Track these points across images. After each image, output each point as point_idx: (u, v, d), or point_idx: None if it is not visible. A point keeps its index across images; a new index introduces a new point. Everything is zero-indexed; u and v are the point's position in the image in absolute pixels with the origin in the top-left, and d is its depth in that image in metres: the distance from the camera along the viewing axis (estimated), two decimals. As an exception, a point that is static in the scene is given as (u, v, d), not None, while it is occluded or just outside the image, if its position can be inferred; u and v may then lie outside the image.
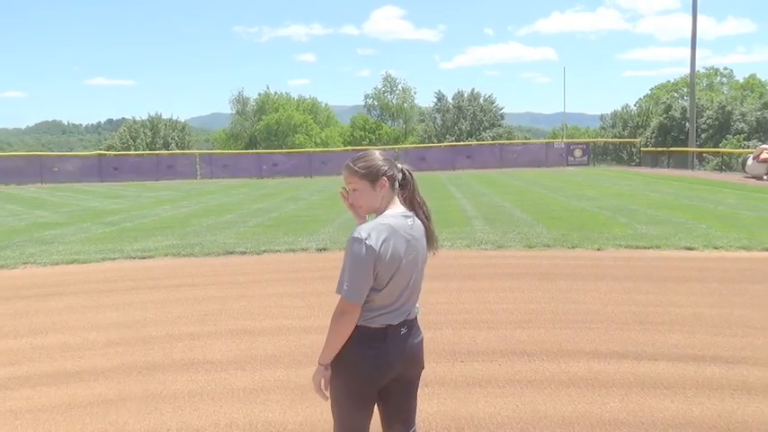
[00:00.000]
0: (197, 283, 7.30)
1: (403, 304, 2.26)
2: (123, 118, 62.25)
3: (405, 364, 2.30)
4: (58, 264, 8.73)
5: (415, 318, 2.37)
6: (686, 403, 3.73)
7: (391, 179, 2.29)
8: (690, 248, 8.75)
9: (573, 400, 3.79)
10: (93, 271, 8.26)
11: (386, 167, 2.30)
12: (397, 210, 2.29)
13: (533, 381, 4.11)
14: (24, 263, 8.85)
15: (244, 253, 9.32)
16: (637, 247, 8.90)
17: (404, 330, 2.28)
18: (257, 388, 4.09)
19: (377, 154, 2.34)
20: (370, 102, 64.99)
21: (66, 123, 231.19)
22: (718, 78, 65.98)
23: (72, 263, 8.79)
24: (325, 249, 9.41)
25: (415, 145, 47.10)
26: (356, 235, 2.19)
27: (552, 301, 6.08)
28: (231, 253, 9.34)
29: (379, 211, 2.30)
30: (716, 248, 8.74)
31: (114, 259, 8.99)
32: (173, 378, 4.30)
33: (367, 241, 2.16)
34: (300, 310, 5.99)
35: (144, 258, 9.04)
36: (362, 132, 59.90)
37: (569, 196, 17.08)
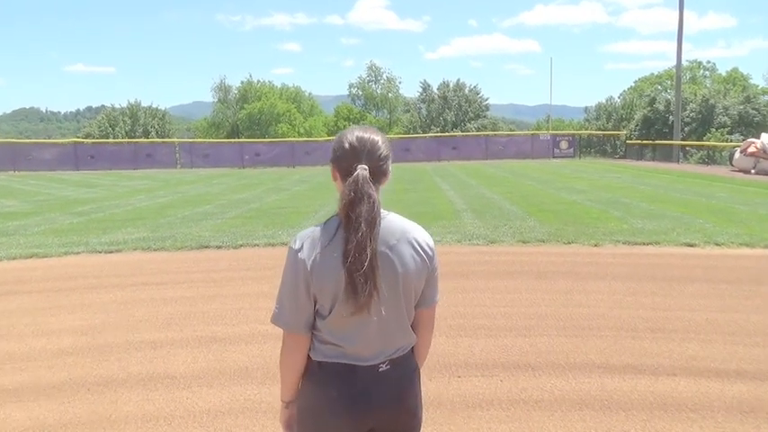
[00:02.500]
0: (165, 282, 6.69)
1: (373, 338, 1.69)
2: (103, 105, 60.76)
3: (387, 412, 1.73)
4: (15, 258, 8.06)
5: (408, 353, 1.79)
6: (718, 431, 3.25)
7: (341, 172, 1.69)
8: (690, 245, 8.33)
9: (588, 427, 3.29)
10: (54, 266, 7.61)
11: (337, 153, 1.71)
12: None
13: (541, 401, 3.61)
14: (-21, 257, 8.16)
15: (219, 247, 8.71)
16: (635, 243, 8.45)
17: (384, 368, 1.71)
18: (224, 410, 3.54)
19: (353, 134, 1.72)
20: (354, 91, 64.15)
21: (44, 111, 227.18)
22: (702, 71, 66.15)
23: (31, 257, 8.13)
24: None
25: (399, 135, 46.46)
26: (290, 243, 1.71)
27: (553, 304, 5.58)
28: (206, 247, 8.73)
29: None
30: (717, 245, 8.32)
31: (78, 253, 8.33)
32: (126, 397, 3.72)
33: (297, 251, 1.66)
34: (278, 313, 5.42)
35: (110, 252, 8.39)
36: (347, 122, 58.99)
37: (559, 188, 16.65)
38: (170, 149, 37.44)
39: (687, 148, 34.10)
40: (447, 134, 44.00)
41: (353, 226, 1.59)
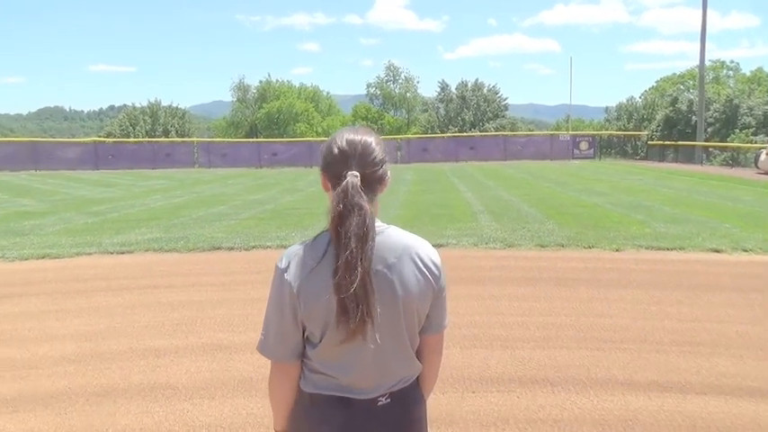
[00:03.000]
0: (174, 285, 6.56)
1: (370, 368, 1.49)
2: (125, 104, 61.31)
3: None
4: (27, 259, 8.00)
5: (412, 384, 1.59)
6: (754, 457, 3.01)
7: (330, 180, 1.50)
8: (717, 251, 8.01)
9: (612, 450, 3.07)
10: (65, 267, 7.53)
11: (326, 158, 1.52)
12: None
13: (560, 420, 3.39)
14: (-8, 257, 8.12)
15: (231, 249, 8.59)
16: (658, 249, 8.16)
17: (383, 401, 1.52)
18: (224, 425, 3.37)
19: (343, 136, 1.52)
20: (372, 91, 63.98)
21: (67, 109, 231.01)
22: (725, 71, 64.89)
23: (43, 257, 8.06)
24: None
25: (417, 135, 46.23)
26: (277, 261, 1.52)
27: (573, 313, 5.35)
28: (218, 248, 8.61)
29: None
30: (745, 251, 8.00)
31: (90, 254, 8.25)
32: (125, 408, 3.58)
33: (284, 271, 1.48)
34: (287, 320, 5.26)
35: (122, 253, 8.30)
36: (364, 122, 58.91)
37: (579, 191, 16.31)
38: (188, 149, 37.59)
39: (710, 150, 33.38)
40: (465, 134, 43.63)
41: (342, 242, 1.40)
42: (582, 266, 7.22)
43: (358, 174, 1.45)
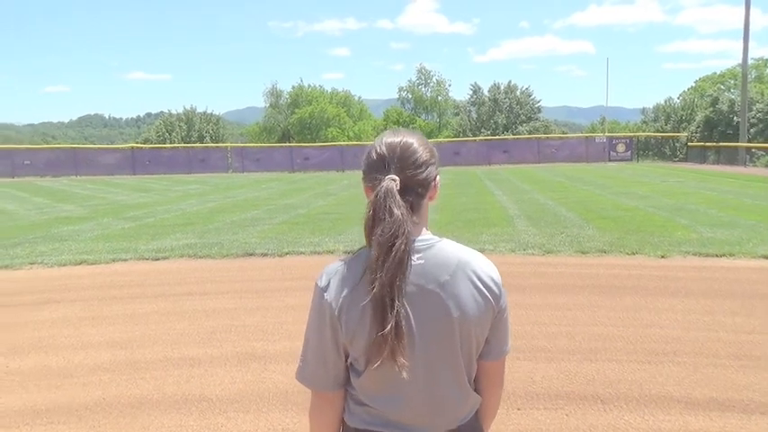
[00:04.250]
0: (209, 291, 6.51)
1: (421, 402, 1.33)
2: (162, 111, 62.50)
3: None
4: (65, 265, 8.08)
5: (472, 420, 1.41)
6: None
7: (372, 187, 1.34)
8: (770, 257, 7.62)
9: (673, 476, 2.84)
10: (101, 273, 7.57)
11: (366, 165, 1.39)
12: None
13: (614, 441, 3.17)
14: (31, 263, 8.22)
15: (265, 255, 8.53)
16: (707, 255, 7.80)
17: None
18: (260, 441, 3.25)
19: (383, 139, 1.39)
20: (404, 95, 63.97)
21: (107, 117, 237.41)
22: (768, 70, 62.85)
23: (80, 263, 8.13)
24: (353, 252, 8.53)
25: (449, 139, 45.93)
26: (317, 280, 1.37)
27: (620, 324, 5.09)
28: (251, 254, 8.56)
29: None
30: (801, 258, 7.59)
31: (126, 260, 8.29)
32: (158, 421, 3.49)
33: (323, 290, 1.33)
34: (322, 329, 5.13)
35: (157, 260, 8.32)
36: (396, 125, 58.83)
37: (618, 194, 15.87)
38: (222, 154, 38.05)
39: (753, 151, 32.29)
40: (498, 137, 43.15)
41: (371, 253, 1.26)
42: (626, 273, 6.93)
43: (396, 177, 1.30)
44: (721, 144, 34.20)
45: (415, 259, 1.29)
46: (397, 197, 1.27)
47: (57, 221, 12.67)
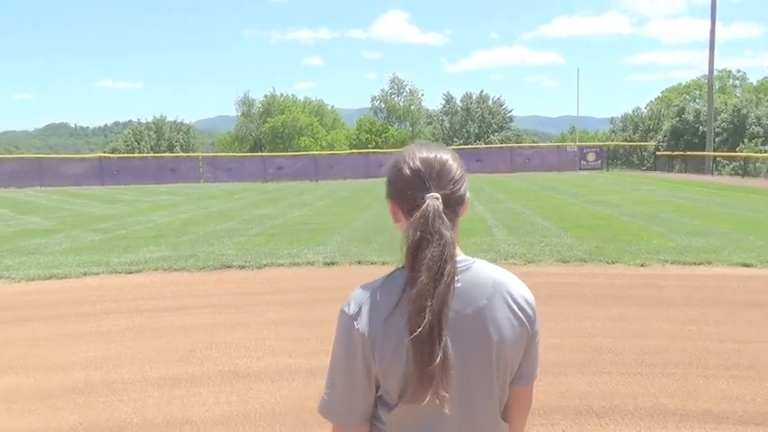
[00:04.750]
0: (186, 306, 6.31)
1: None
2: (130, 120, 61.40)
3: None
4: (33, 279, 7.77)
5: None
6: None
7: (405, 210, 1.24)
8: (746, 265, 7.72)
9: (676, 493, 2.79)
10: (72, 288, 7.30)
11: (395, 183, 1.27)
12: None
13: (613, 457, 3.11)
14: (-3, 278, 7.90)
15: (243, 267, 8.34)
16: (685, 263, 7.88)
17: None
18: (249, 466, 3.11)
19: (413, 154, 1.28)
20: (376, 104, 63.97)
21: (73, 126, 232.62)
22: (731, 81, 64.70)
23: (50, 278, 7.82)
24: (333, 263, 8.41)
25: (422, 148, 45.99)
26: (343, 306, 1.26)
27: (608, 335, 5.07)
28: (229, 267, 8.36)
29: None
30: (776, 265, 7.71)
31: (97, 274, 8.02)
32: (140, 447, 3.32)
33: (353, 318, 1.22)
34: (306, 344, 5.00)
35: (130, 273, 8.06)
36: (369, 135, 58.87)
37: (592, 202, 16.04)
38: (193, 164, 37.46)
39: (719, 159, 33.09)
40: (470, 146, 43.44)
41: (414, 277, 1.16)
42: (608, 283, 6.94)
43: (439, 196, 1.21)
44: (688, 153, 34.96)
45: (455, 283, 1.20)
46: (444, 217, 1.19)
47: (23, 234, 12.24)
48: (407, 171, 1.25)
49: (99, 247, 10.25)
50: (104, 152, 47.47)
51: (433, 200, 1.20)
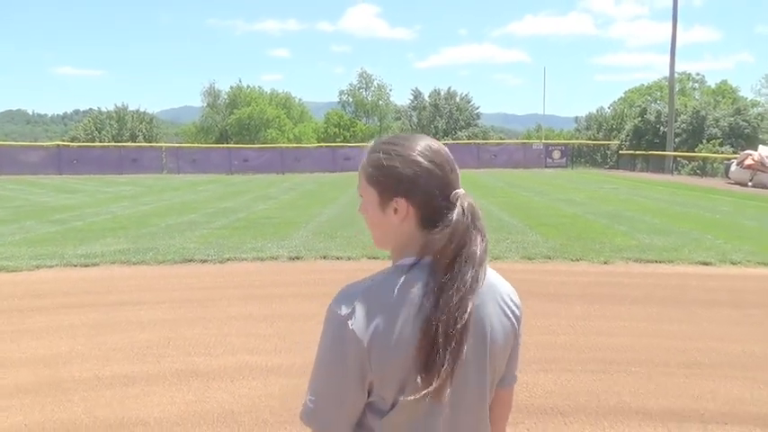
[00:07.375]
0: (144, 301, 6.10)
1: None
2: (91, 109, 59.65)
3: None
4: (-18, 272, 7.43)
5: None
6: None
7: (420, 206, 1.15)
8: (705, 263, 7.88)
9: (640, 494, 2.77)
10: (23, 281, 7.00)
11: (413, 178, 1.14)
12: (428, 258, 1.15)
13: (577, 457, 3.09)
14: (-57, 270, 7.52)
15: (205, 261, 8.13)
16: (647, 261, 7.99)
17: None
18: (204, 469, 2.98)
19: (421, 145, 1.19)
20: (344, 98, 63.67)
21: (30, 113, 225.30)
22: (691, 84, 66.43)
23: (0, 271, 7.50)
24: (298, 258, 8.27)
25: (390, 143, 45.98)
26: (333, 305, 1.13)
27: (572, 332, 5.08)
28: (190, 261, 8.15)
29: (394, 252, 1.21)
30: (734, 264, 7.88)
31: (51, 267, 7.71)
32: (89, 450, 3.16)
33: (347, 320, 1.10)
34: (267, 340, 4.87)
35: (86, 266, 7.78)
36: (337, 129, 58.56)
37: (557, 200, 16.21)
38: (157, 154, 36.62)
39: (679, 159, 33.94)
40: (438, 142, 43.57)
41: (458, 273, 1.09)
42: (572, 280, 6.98)
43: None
44: (650, 152, 35.75)
45: None
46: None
47: (-27, 224, 11.74)
48: (426, 162, 1.16)
49: (54, 238, 9.88)
50: (63, 140, 46.05)
51: (467, 196, 1.16)
